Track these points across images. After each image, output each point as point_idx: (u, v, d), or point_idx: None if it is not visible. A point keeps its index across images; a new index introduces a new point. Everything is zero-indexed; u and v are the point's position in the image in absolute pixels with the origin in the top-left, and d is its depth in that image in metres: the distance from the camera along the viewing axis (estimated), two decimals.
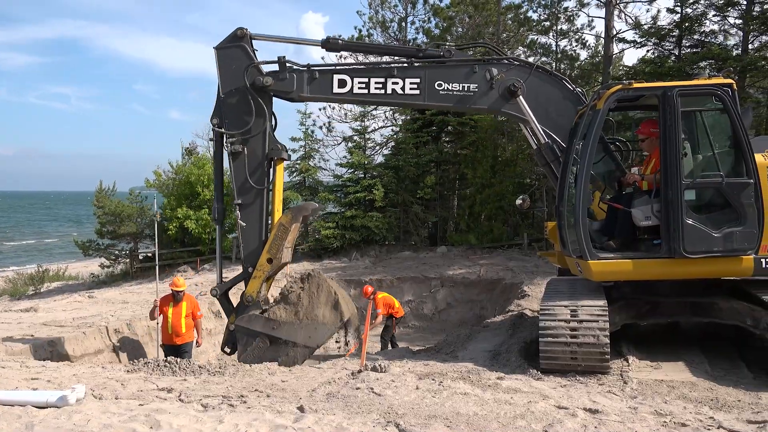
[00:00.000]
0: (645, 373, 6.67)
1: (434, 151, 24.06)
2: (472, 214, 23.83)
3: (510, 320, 10.59)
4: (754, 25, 18.67)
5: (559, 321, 6.64)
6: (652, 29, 20.92)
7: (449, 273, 17.72)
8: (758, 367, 6.86)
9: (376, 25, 28.14)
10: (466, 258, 20.16)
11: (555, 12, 24.68)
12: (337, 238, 21.89)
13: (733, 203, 6.68)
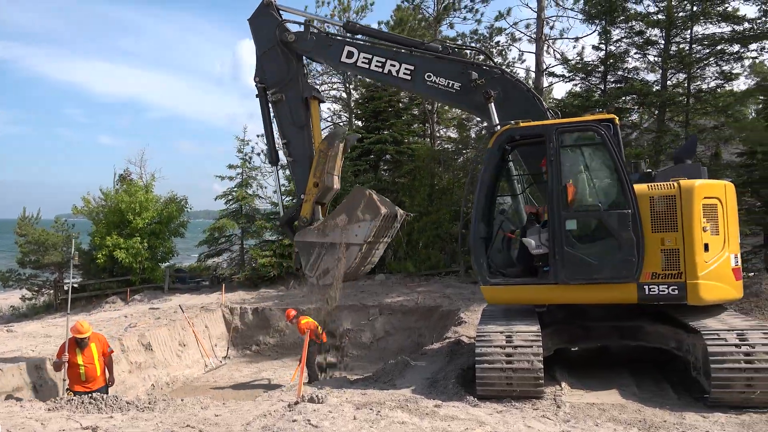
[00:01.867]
0: (577, 396, 6.83)
1: (372, 180, 24.22)
2: (410, 241, 24.02)
3: (447, 347, 10.66)
4: (672, 63, 19.88)
5: (494, 347, 6.74)
6: (579, 65, 21.93)
7: (388, 301, 17.72)
8: (682, 388, 7.14)
9: None
10: (404, 285, 20.24)
11: (488, 46, 25.55)
12: (274, 267, 21.58)
13: (613, 233, 7.06)
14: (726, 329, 6.39)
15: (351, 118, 28.40)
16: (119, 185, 25.70)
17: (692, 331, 6.72)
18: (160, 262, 24.73)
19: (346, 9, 27.67)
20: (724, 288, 7.02)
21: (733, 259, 7.10)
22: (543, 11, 20.79)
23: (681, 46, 20.26)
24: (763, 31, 19.12)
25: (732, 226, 7.19)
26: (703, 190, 6.96)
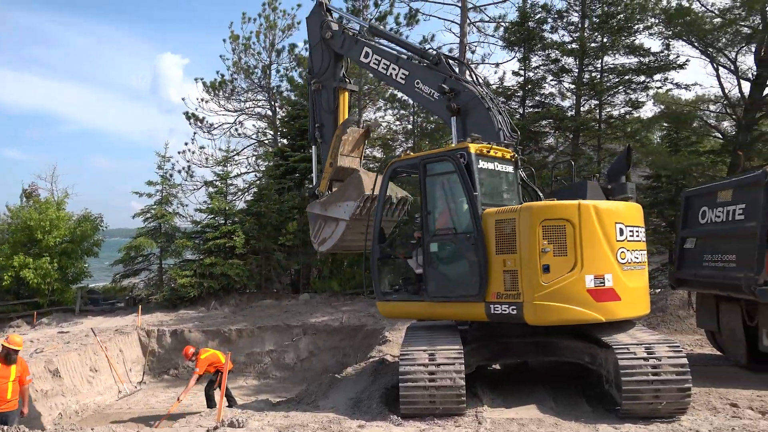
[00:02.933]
0: (498, 412, 6.97)
1: (297, 198, 24.02)
2: (335, 260, 23.92)
3: (372, 366, 10.64)
4: (585, 90, 20.94)
5: (417, 365, 6.78)
6: (499, 89, 22.71)
7: (312, 321, 17.55)
8: (596, 400, 7.42)
9: (239, 70, 27.96)
10: (329, 305, 20.11)
11: None
12: (194, 287, 20.92)
13: (463, 254, 7.65)
14: (635, 343, 6.71)
15: (276, 136, 28.15)
16: (26, 202, 24.30)
17: (604, 346, 7.01)
18: (72, 283, 23.50)
19: (272, 27, 27.52)
20: (572, 309, 6.86)
21: (591, 280, 6.90)
22: (465, 37, 21.42)
23: (593, 74, 21.40)
24: (665, 63, 20.46)
25: (590, 247, 6.94)
26: (544, 212, 7.04)
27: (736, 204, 8.80)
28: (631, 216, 7.43)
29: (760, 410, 6.86)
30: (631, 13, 20.41)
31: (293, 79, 27.62)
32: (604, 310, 6.93)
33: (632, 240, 7.31)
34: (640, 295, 7.43)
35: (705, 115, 21.65)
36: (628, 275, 7.14)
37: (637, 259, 7.34)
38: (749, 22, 18.02)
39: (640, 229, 7.56)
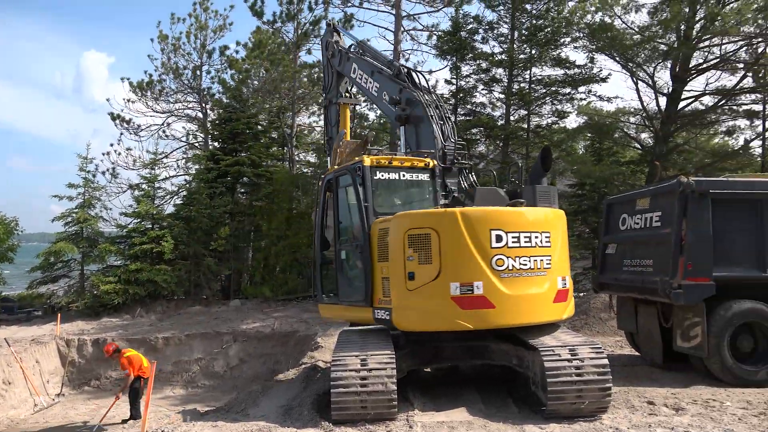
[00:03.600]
0: (429, 416, 7.04)
1: (229, 203, 23.57)
2: (267, 266, 23.60)
3: (303, 373, 10.55)
4: (514, 100, 21.57)
5: (349, 371, 6.77)
6: None
7: (243, 327, 17.21)
8: (523, 402, 7.62)
9: (168, 71, 27.18)
10: (260, 311, 19.79)
11: None
12: (118, 294, 20.11)
13: (357, 262, 8.19)
14: (560, 345, 6.94)
15: (207, 139, 27.52)
16: None
17: (531, 349, 7.21)
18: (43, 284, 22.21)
19: (202, 27, 26.92)
20: (436, 316, 7.02)
21: (456, 288, 6.96)
22: (399, 44, 21.66)
23: (522, 85, 22.08)
24: (589, 75, 21.34)
25: (456, 255, 7.01)
26: (410, 222, 7.23)
27: (653, 211, 9.27)
28: (519, 222, 7.21)
29: (674, 407, 7.23)
30: (557, 27, 21.20)
31: (225, 81, 27.13)
32: (472, 318, 6.95)
33: (516, 246, 7.09)
34: (527, 302, 7.13)
35: (625, 127, 22.72)
36: (508, 282, 7.01)
37: (524, 266, 7.10)
38: (666, 39, 19.06)
39: (533, 234, 7.22)
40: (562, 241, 7.66)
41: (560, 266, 7.53)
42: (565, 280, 7.58)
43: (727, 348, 8.27)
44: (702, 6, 17.90)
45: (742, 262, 8.46)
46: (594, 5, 19.54)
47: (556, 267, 7.42)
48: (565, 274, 7.65)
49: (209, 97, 27.77)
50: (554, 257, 7.41)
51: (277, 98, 27.21)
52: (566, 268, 7.73)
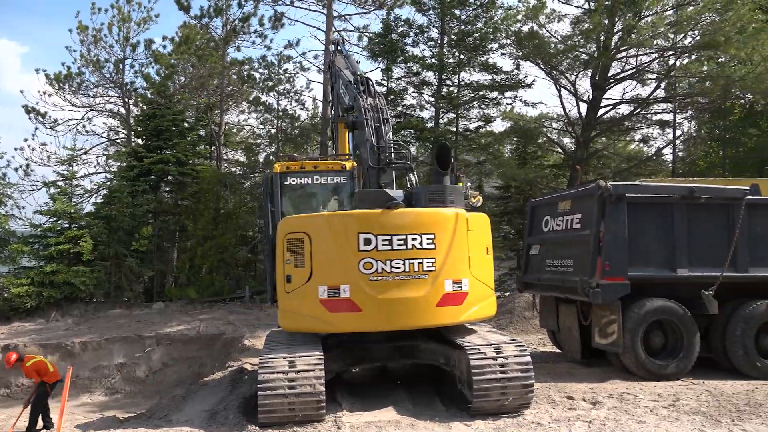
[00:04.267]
0: (357, 417, 7.05)
1: (152, 201, 22.79)
2: (193, 266, 22.97)
3: (230, 376, 10.33)
4: (443, 103, 21.94)
5: (277, 373, 6.69)
6: None
7: (166, 330, 16.67)
8: (450, 400, 7.76)
9: (88, 63, 26.00)
10: (185, 313, 19.22)
11: (276, 73, 25.79)
12: (31, 297, 19.00)
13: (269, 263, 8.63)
14: (485, 344, 7.11)
15: (130, 135, 26.50)
16: None
17: (458, 348, 7.36)
18: None
19: (125, 19, 25.91)
20: (308, 318, 7.14)
21: (324, 291, 7.03)
22: (330, 44, 21.59)
23: (451, 89, 22.48)
24: (515, 81, 22.00)
25: (324, 258, 7.12)
26: (288, 226, 7.43)
27: (574, 214, 9.64)
28: (390, 224, 7.07)
29: (592, 401, 7.55)
30: (485, 34, 21.74)
31: (150, 76, 26.20)
32: (338, 321, 7.05)
33: (387, 249, 6.97)
34: (401, 306, 7.00)
35: (549, 132, 23.58)
36: (377, 286, 6.94)
37: (397, 269, 6.97)
38: (587, 49, 19.91)
39: (410, 236, 7.04)
40: (456, 243, 7.25)
41: (451, 269, 7.18)
42: (460, 282, 7.22)
43: (641, 344, 8.70)
44: (620, 19, 18.80)
45: (655, 263, 8.92)
46: (520, 14, 20.17)
47: (444, 270, 7.13)
48: (460, 276, 7.24)
49: (133, 92, 26.77)
50: (440, 260, 7.13)
51: (205, 95, 26.59)
52: (462, 270, 7.28)
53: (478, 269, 7.49)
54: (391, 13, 22.78)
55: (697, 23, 18.21)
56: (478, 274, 7.49)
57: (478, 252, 7.54)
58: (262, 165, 26.84)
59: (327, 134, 22.82)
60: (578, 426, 6.53)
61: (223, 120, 27.13)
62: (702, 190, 9.06)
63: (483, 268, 7.62)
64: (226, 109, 27.26)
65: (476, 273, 7.45)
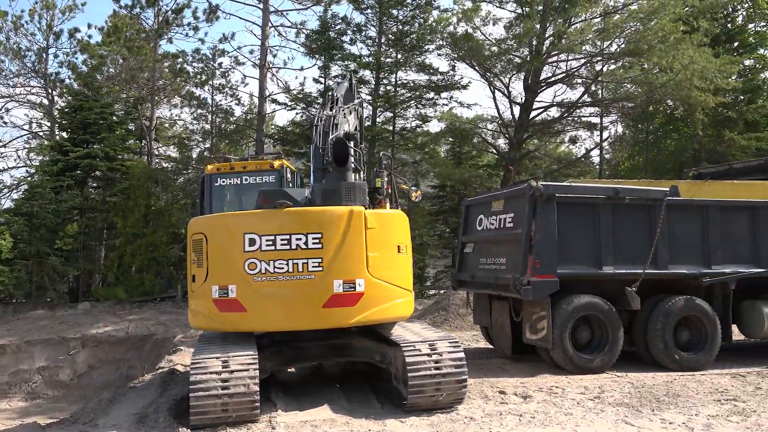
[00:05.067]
0: (291, 416, 7.00)
1: (78, 197, 21.83)
2: (122, 265, 22.14)
3: (160, 378, 10.03)
4: (380, 102, 22.04)
5: (210, 373, 6.55)
6: (300, 95, 22.96)
7: (92, 332, 16.06)
8: (385, 397, 7.81)
9: (8, 51, 24.67)
10: (113, 314, 18.55)
11: (211, 67, 25.24)
12: None
13: None
14: (420, 341, 7.19)
15: (54, 128, 25.30)
16: None
17: (393, 345, 7.41)
18: None
19: (49, 6, 24.73)
20: (205, 318, 7.31)
21: (216, 290, 7.09)
22: (267, 39, 21.31)
23: (388, 88, 22.62)
24: (451, 82, 22.35)
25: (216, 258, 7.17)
26: (192, 227, 7.63)
27: (507, 213, 9.88)
28: (275, 224, 7.01)
29: (523, 395, 7.77)
30: (422, 34, 21.97)
31: (76, 67, 25.11)
32: (227, 320, 7.15)
33: (271, 249, 6.90)
34: (284, 307, 6.98)
35: (483, 133, 24.09)
36: (261, 287, 6.92)
37: (280, 270, 6.89)
38: (520, 52, 20.45)
39: (294, 236, 6.92)
40: (349, 242, 7.04)
41: (342, 269, 6.98)
42: (353, 283, 7.00)
43: (569, 339, 9.01)
44: (551, 24, 19.41)
45: (582, 261, 9.25)
46: (456, 16, 20.51)
47: (333, 270, 6.93)
48: (354, 276, 7.01)
49: (57, 83, 25.58)
50: (328, 260, 6.93)
51: (135, 88, 25.71)
52: (356, 270, 7.03)
53: (382, 269, 7.19)
54: (329, 9, 22.72)
55: (622, 31, 19.02)
56: (383, 275, 7.19)
57: (384, 251, 7.23)
58: (195, 161, 26.20)
59: (263, 131, 22.55)
60: (509, 420, 6.71)
61: (155, 114, 26.31)
62: (626, 191, 9.45)
63: (391, 268, 7.31)
64: (157, 102, 26.44)
65: (379, 273, 7.14)
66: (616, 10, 19.75)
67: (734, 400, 7.44)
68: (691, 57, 17.97)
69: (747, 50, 25.99)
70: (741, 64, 23.90)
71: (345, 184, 7.47)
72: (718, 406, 7.16)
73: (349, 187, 7.43)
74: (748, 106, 24.90)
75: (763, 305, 9.82)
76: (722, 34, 24.81)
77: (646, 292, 9.29)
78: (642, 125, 27.65)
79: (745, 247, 9.75)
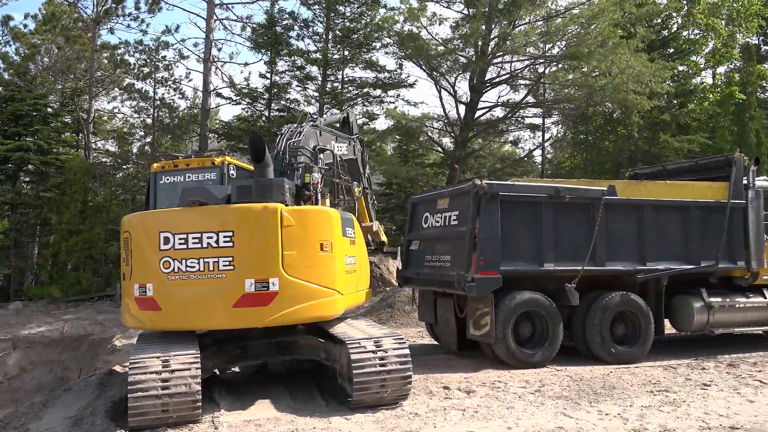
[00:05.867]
0: (235, 416, 6.89)
1: (9, 192, 20.87)
2: (57, 263, 21.32)
3: (97, 379, 9.70)
4: (327, 98, 21.94)
5: (150, 373, 6.38)
6: (245, 90, 22.60)
7: (25, 332, 15.39)
8: (330, 395, 7.78)
9: None
10: (47, 314, 17.83)
11: (153, 60, 24.53)
12: None
13: None
14: (366, 338, 7.20)
15: None
16: None
17: (338, 342, 7.39)
18: None
19: None
20: (132, 316, 7.34)
21: (137, 288, 7.10)
22: (212, 33, 20.87)
23: (335, 84, 22.54)
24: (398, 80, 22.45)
25: (137, 257, 7.16)
26: (122, 225, 7.64)
27: (452, 211, 10.00)
28: (187, 223, 6.95)
29: (466, 390, 7.89)
30: (369, 32, 21.98)
31: (7, 56, 23.95)
32: (147, 319, 7.19)
33: (183, 248, 6.85)
34: (196, 306, 6.92)
35: (430, 131, 24.30)
36: (176, 285, 6.87)
37: (192, 269, 6.82)
38: (465, 53, 20.73)
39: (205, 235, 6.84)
40: (262, 240, 6.88)
41: (254, 268, 6.84)
42: (267, 282, 6.84)
43: (511, 334, 9.20)
44: (496, 26, 19.75)
45: (524, 258, 9.45)
46: (402, 15, 20.60)
47: (244, 269, 6.81)
48: (267, 275, 6.85)
49: None
50: (240, 258, 6.81)
51: (72, 79, 24.74)
52: (270, 269, 6.87)
53: (301, 268, 7.00)
54: (276, 4, 22.45)
55: (564, 35, 19.54)
56: (301, 274, 7.00)
57: (303, 249, 7.03)
58: (135, 156, 25.44)
59: (207, 126, 22.08)
60: (453, 414, 6.81)
61: (93, 106, 25.39)
62: (566, 190, 9.70)
63: (312, 267, 7.09)
64: (95, 95, 25.53)
65: (296, 272, 6.96)
66: (558, 13, 20.27)
67: (666, 391, 7.76)
68: (627, 61, 18.61)
69: (680, 56, 27.14)
70: (674, 70, 24.92)
71: (260, 181, 7.31)
72: (651, 397, 7.46)
73: (264, 184, 7.27)
74: (680, 110, 26.05)
75: (693, 300, 10.29)
76: (657, 41, 25.82)
77: (585, 289, 9.58)
78: (582, 126, 28.50)
79: (676, 245, 10.17)
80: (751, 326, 10.84)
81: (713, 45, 28.65)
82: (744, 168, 10.67)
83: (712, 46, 28.74)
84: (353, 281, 8.11)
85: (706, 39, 27.95)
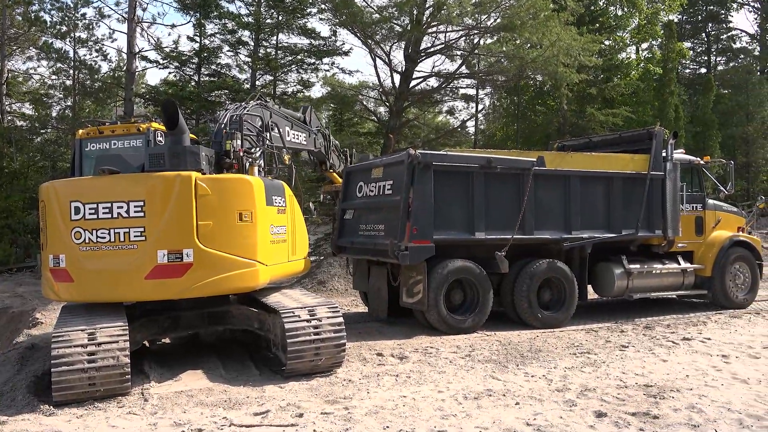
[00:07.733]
0: (166, 387, 6.78)
1: None
2: None
3: (17, 354, 9.28)
4: (260, 65, 21.41)
5: (75, 347, 6.17)
6: (173, 53, 21.72)
7: None
8: (263, 364, 7.77)
9: None
10: None
11: (72, 17, 23.12)
12: None
13: None
14: (299, 307, 7.20)
15: None
16: None
17: (272, 311, 7.37)
18: None
19: None
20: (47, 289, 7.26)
21: (52, 259, 6.96)
22: None
23: (268, 50, 21.98)
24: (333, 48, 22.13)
25: (51, 227, 7.00)
26: (40, 193, 7.36)
27: (386, 180, 10.05)
28: (97, 192, 6.78)
29: (399, 356, 8.06)
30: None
31: None
32: (62, 290, 7.04)
33: (93, 218, 6.69)
34: (108, 277, 6.77)
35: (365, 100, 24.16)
36: (87, 257, 6.74)
37: (102, 239, 6.67)
38: (401, 21, 20.59)
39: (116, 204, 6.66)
40: (175, 210, 6.72)
41: (167, 238, 6.70)
42: (180, 253, 6.70)
43: (443, 301, 9.43)
44: None
45: (456, 227, 9.65)
46: None
47: (157, 240, 6.68)
48: (181, 246, 6.70)
49: None
50: (152, 229, 6.66)
51: None
52: (184, 240, 6.72)
53: (218, 239, 6.86)
54: None
55: (498, 6, 19.68)
56: (218, 244, 6.86)
57: (220, 219, 6.87)
58: (55, 120, 24.13)
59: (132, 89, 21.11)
60: (386, 380, 6.94)
61: (6, 66, 23.82)
62: (498, 160, 9.91)
63: (230, 237, 6.94)
64: (9, 54, 23.92)
65: (212, 243, 6.82)
66: None
67: (588, 353, 8.18)
68: (558, 34, 19.00)
69: (607, 31, 27.95)
70: (602, 44, 25.66)
71: (173, 148, 7.07)
72: (574, 359, 7.85)
73: (178, 152, 7.04)
74: (606, 84, 26.92)
75: (615, 267, 10.82)
76: (586, 15, 26.47)
77: (514, 256, 9.90)
78: (514, 98, 29.05)
79: (600, 214, 10.63)
80: (667, 291, 11.55)
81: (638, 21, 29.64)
82: (663, 141, 11.20)
83: (636, 22, 29.74)
84: (282, 251, 7.94)
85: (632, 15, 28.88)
